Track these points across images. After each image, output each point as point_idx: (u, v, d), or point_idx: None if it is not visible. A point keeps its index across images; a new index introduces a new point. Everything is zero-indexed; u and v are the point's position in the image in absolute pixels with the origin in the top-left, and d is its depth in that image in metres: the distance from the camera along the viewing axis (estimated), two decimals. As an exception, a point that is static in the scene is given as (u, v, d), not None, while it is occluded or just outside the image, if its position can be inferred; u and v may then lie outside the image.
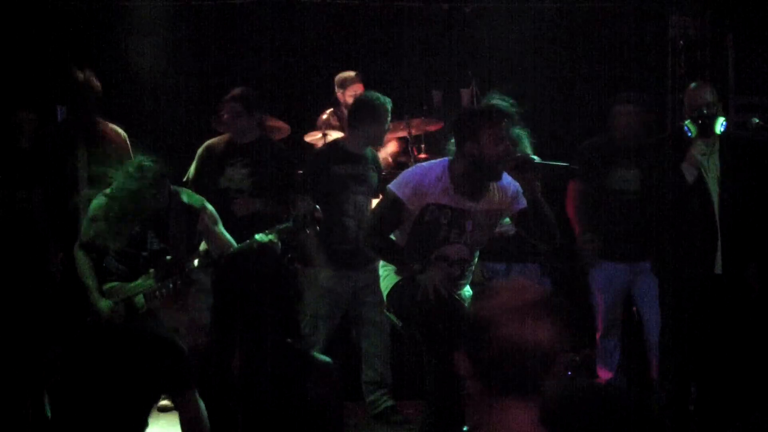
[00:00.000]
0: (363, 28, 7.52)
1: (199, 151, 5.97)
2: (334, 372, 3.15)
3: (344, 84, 6.87)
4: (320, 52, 7.54)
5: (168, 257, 4.84)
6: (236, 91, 5.91)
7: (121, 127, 5.84)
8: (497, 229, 4.77)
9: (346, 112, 6.24)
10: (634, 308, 5.96)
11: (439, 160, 4.51)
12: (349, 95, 6.77)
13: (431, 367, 4.35)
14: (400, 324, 4.62)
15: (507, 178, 4.39)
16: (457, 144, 4.35)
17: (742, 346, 5.50)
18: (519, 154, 4.37)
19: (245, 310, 3.05)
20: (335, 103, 6.94)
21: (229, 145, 5.90)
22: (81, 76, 5.63)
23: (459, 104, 7.20)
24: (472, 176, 4.32)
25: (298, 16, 7.50)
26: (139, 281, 4.89)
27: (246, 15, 7.48)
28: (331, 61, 7.42)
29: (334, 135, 6.31)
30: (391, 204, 4.39)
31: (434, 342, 4.27)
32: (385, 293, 4.55)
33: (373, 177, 5.73)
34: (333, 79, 6.96)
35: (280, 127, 6.36)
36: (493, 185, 4.39)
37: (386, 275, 4.54)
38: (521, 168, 4.25)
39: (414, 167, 4.65)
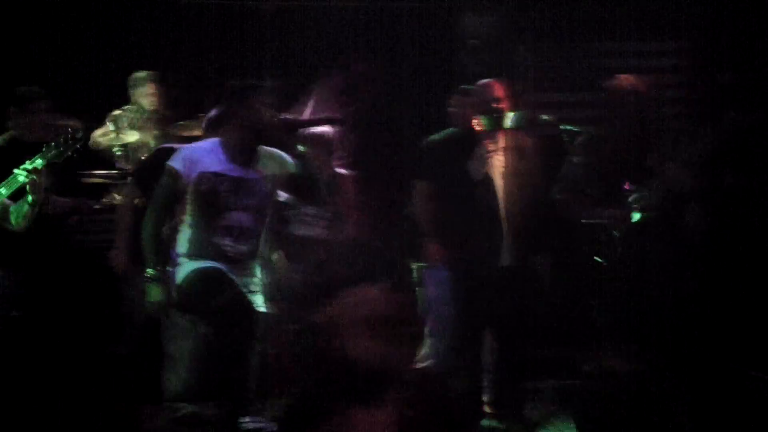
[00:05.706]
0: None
1: None
2: None
3: (135, 84, 6.83)
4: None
5: None
6: None
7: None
8: None
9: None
10: None
11: (206, 140, 4.81)
12: (139, 95, 6.77)
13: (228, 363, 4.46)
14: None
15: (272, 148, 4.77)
16: (231, 115, 4.67)
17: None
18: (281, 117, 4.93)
19: None
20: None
21: None
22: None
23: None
24: (246, 144, 4.65)
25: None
26: None
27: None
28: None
29: (130, 135, 6.25)
30: (167, 176, 4.63)
31: (226, 337, 4.41)
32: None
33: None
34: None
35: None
36: (263, 153, 4.70)
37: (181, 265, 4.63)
38: (288, 126, 4.87)
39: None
